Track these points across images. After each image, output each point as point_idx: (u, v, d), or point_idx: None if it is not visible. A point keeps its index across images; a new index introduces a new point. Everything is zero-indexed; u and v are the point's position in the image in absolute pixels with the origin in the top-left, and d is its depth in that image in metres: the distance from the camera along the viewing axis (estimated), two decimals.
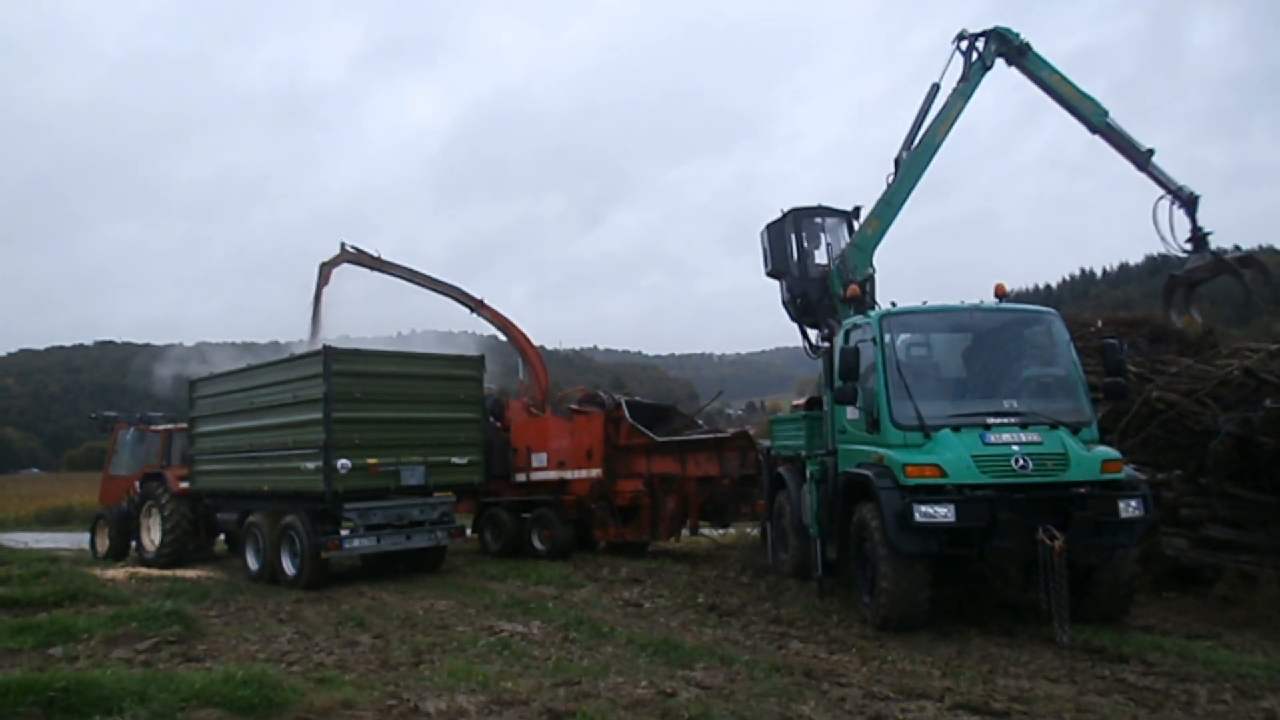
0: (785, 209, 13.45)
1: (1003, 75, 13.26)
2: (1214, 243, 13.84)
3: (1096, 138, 13.56)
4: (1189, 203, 13.68)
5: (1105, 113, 13.32)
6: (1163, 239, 13.63)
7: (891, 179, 12.55)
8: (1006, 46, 13.17)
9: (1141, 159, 13.47)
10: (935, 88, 13.06)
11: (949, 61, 13.23)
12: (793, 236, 13.26)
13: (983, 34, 13.18)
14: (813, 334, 13.54)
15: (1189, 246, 13.88)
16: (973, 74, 13.05)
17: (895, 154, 12.88)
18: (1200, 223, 13.84)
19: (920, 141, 12.63)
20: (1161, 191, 13.62)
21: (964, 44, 13.24)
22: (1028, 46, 13.21)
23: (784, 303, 13.48)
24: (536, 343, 19.98)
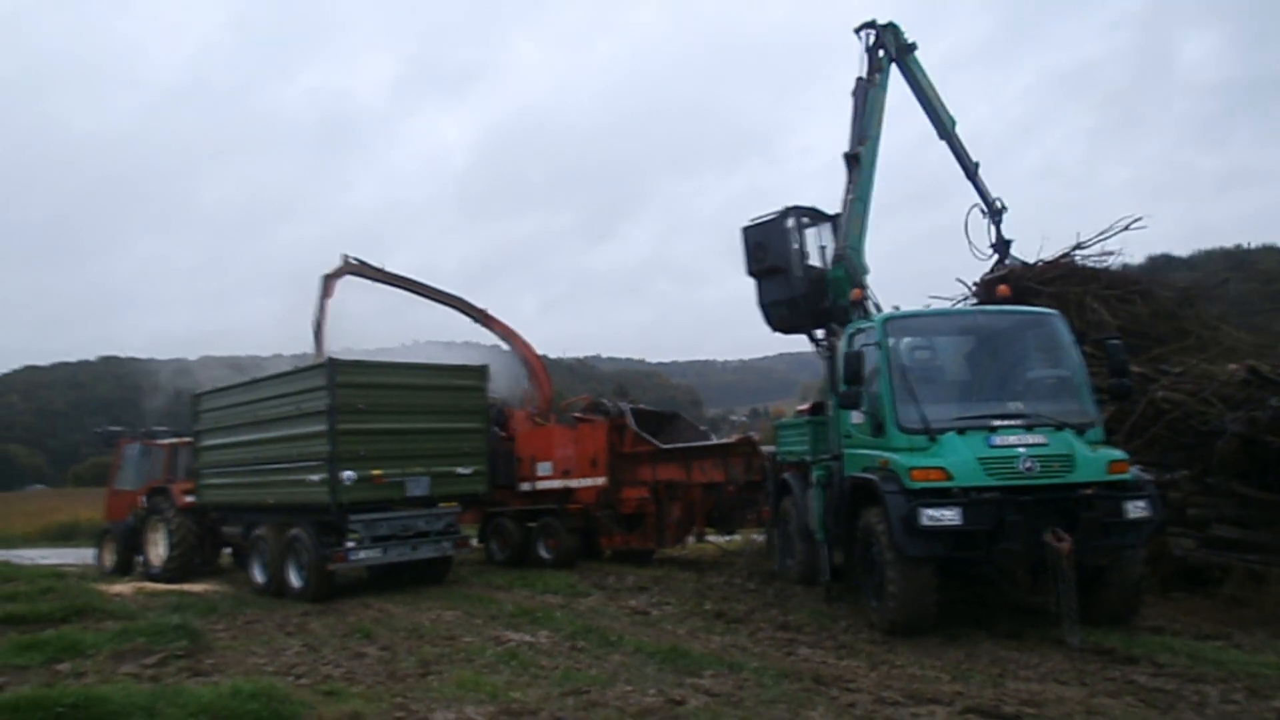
0: (782, 207, 13.29)
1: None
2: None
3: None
4: (997, 214, 15.02)
5: (955, 122, 14.48)
6: (969, 242, 14.84)
7: (853, 177, 12.47)
8: (896, 42, 13.46)
9: (972, 169, 14.81)
10: (860, 80, 13.09)
11: (864, 53, 13.25)
12: (794, 233, 13.05)
13: (886, 25, 13.41)
14: (803, 336, 13.26)
15: (989, 252, 15.08)
16: (885, 65, 13.25)
17: (845, 150, 12.72)
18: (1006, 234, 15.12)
19: (866, 135, 12.67)
20: (977, 200, 14.89)
21: (871, 36, 13.31)
22: (914, 46, 13.71)
23: (769, 304, 13.03)
24: (539, 352, 20.00)
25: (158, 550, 16.53)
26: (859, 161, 12.37)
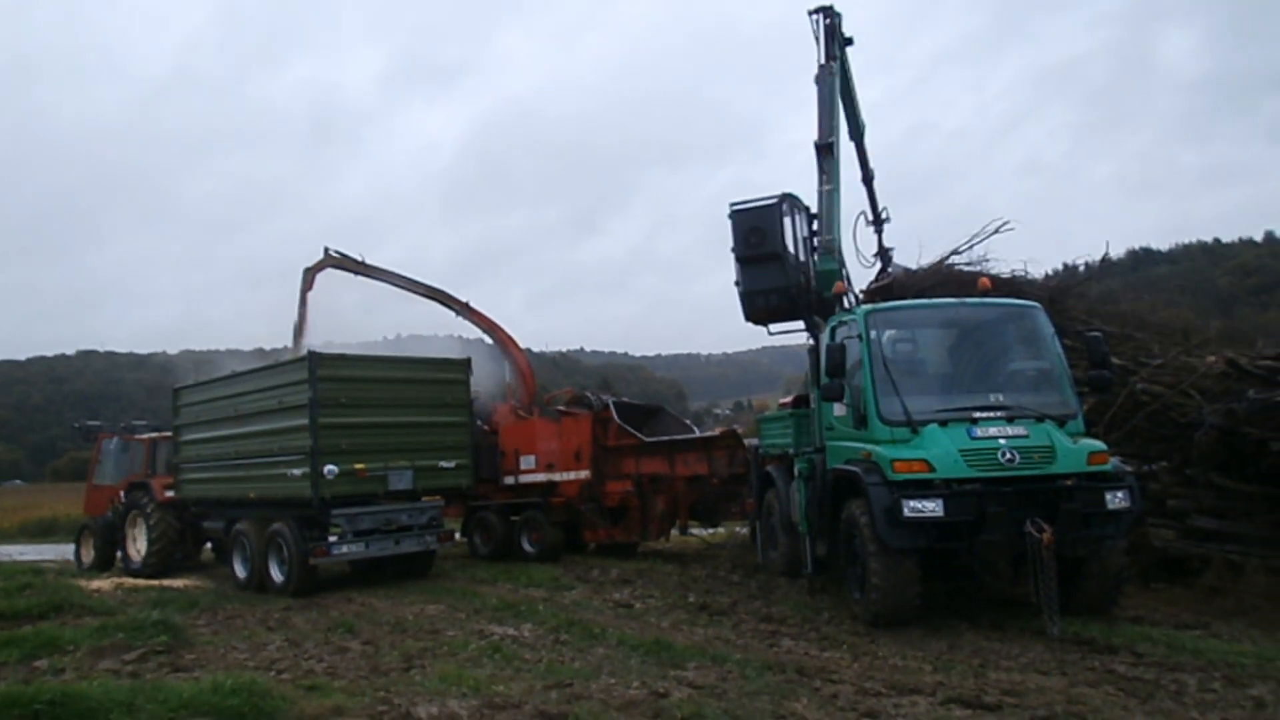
0: (778, 193, 13.16)
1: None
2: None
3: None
4: (881, 223, 15.18)
5: (865, 127, 14.76)
6: (857, 251, 14.41)
7: (825, 167, 12.34)
8: (839, 31, 13.35)
9: (870, 175, 15.03)
10: (822, 67, 12.93)
11: (817, 38, 13.07)
12: (787, 220, 12.92)
13: (836, 12, 13.25)
14: (779, 327, 13.11)
15: (872, 259, 15.12)
16: (838, 52, 13.08)
17: (818, 140, 12.31)
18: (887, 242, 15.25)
19: (833, 125, 12.50)
20: (865, 209, 14.99)
21: (823, 20, 13.14)
22: (850, 40, 13.58)
23: (758, 291, 12.75)
24: (523, 345, 19.92)
25: (137, 545, 16.40)
26: (831, 152, 12.29)
